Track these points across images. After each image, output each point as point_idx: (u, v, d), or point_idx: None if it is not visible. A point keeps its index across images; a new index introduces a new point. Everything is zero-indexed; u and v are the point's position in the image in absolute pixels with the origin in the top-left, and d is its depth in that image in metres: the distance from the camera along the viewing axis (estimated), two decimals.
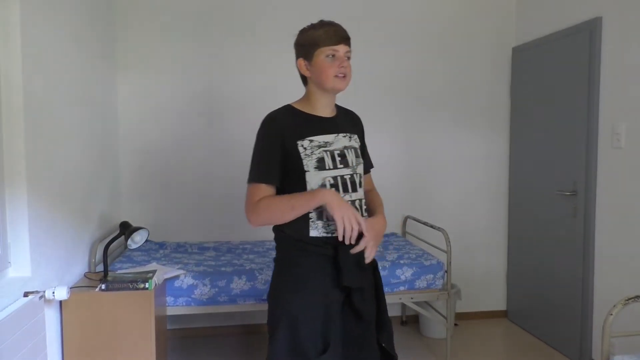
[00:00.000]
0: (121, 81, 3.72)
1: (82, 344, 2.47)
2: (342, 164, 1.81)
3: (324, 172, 1.77)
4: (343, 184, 1.80)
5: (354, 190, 1.83)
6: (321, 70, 1.78)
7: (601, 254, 3.17)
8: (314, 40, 1.79)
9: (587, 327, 3.27)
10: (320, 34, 1.78)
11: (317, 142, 1.79)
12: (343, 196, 1.79)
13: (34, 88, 2.22)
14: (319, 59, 1.79)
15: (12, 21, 2.08)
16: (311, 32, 1.81)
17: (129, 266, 3.04)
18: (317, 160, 1.77)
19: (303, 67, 1.85)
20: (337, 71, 1.78)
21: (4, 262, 2.09)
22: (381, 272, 3.13)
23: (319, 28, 1.80)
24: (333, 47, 1.78)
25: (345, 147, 1.85)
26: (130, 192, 3.76)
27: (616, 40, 3.02)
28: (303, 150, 1.77)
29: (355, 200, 1.83)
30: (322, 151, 1.78)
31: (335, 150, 1.81)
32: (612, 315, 2.12)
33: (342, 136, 1.86)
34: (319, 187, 1.76)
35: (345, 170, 1.82)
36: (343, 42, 1.80)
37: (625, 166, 2.97)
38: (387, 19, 3.99)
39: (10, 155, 2.10)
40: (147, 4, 3.73)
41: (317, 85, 1.84)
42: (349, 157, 1.84)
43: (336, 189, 1.78)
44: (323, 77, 1.79)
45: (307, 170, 1.76)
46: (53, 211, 2.42)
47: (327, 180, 1.77)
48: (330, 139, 1.82)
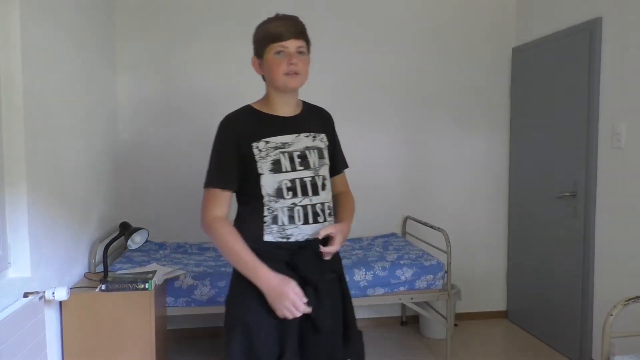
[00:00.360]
0: (121, 81, 3.72)
1: (82, 345, 2.46)
2: (302, 165, 1.73)
3: (280, 174, 1.70)
4: (302, 186, 1.73)
5: (314, 194, 1.75)
6: (271, 68, 1.70)
7: (601, 254, 3.17)
8: (265, 36, 1.70)
9: (587, 327, 3.27)
10: (271, 28, 1.68)
11: (274, 144, 1.72)
12: (302, 199, 1.72)
13: (34, 88, 2.22)
14: (269, 57, 1.70)
15: (12, 21, 2.07)
16: (263, 27, 1.72)
17: (129, 267, 3.04)
18: (273, 162, 1.70)
19: (256, 65, 1.77)
20: (287, 69, 1.68)
21: (4, 262, 2.09)
22: (381, 272, 3.14)
23: (270, 22, 1.71)
24: (282, 43, 1.68)
25: (307, 147, 1.76)
26: (130, 192, 3.75)
27: (616, 40, 3.02)
28: (258, 153, 1.70)
29: (316, 204, 1.74)
30: (279, 153, 1.71)
31: (295, 151, 1.73)
32: (612, 315, 2.12)
33: (304, 136, 1.77)
34: (275, 190, 1.70)
35: (306, 172, 1.74)
36: (293, 37, 1.69)
37: (626, 166, 2.97)
38: (387, 19, 3.99)
39: (10, 156, 2.10)
40: (147, 4, 3.73)
41: (270, 84, 1.76)
42: (310, 158, 1.75)
43: (294, 193, 1.71)
44: (273, 76, 1.71)
45: (261, 173, 1.70)
46: (53, 211, 2.42)
47: (284, 183, 1.70)
48: (290, 140, 1.74)
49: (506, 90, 4.15)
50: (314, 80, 3.96)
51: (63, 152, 2.57)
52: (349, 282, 3.08)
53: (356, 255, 3.47)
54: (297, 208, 1.71)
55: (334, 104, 3.98)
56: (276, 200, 1.70)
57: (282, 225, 1.71)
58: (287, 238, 1.71)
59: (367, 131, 4.01)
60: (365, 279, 3.13)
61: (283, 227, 1.71)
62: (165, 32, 3.74)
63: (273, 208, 1.71)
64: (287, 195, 1.71)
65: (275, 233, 1.71)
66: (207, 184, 1.74)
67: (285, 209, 1.70)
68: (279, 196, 1.70)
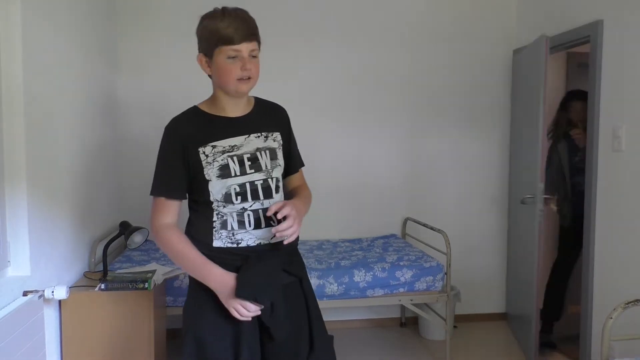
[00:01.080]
0: (121, 81, 3.72)
1: (81, 344, 2.46)
2: (252, 168, 1.66)
3: (229, 179, 1.63)
4: (252, 191, 1.65)
5: (267, 197, 1.67)
6: (222, 73, 1.59)
7: (601, 257, 3.16)
8: (214, 36, 1.56)
9: (586, 330, 3.27)
10: (220, 29, 1.55)
11: (221, 147, 1.64)
12: (252, 204, 1.66)
13: (35, 88, 2.22)
14: (220, 60, 1.58)
15: (13, 22, 2.08)
16: (211, 25, 1.57)
17: (128, 266, 3.04)
18: (220, 167, 1.63)
19: (204, 63, 1.63)
20: (240, 74, 1.59)
21: (3, 261, 2.09)
22: (381, 273, 3.14)
23: (219, 20, 1.56)
24: (234, 47, 1.56)
25: (258, 149, 1.68)
26: (130, 191, 3.75)
27: (617, 43, 3.02)
28: (204, 158, 1.62)
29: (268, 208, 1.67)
30: (227, 157, 1.63)
31: (245, 153, 1.66)
32: (611, 319, 2.12)
33: (254, 137, 1.68)
34: (223, 196, 1.64)
35: (257, 175, 1.66)
36: (247, 40, 1.57)
37: (626, 170, 2.96)
38: (388, 20, 3.99)
39: (10, 155, 2.10)
40: (148, 4, 3.73)
41: (219, 87, 1.66)
42: (261, 160, 1.67)
43: (244, 197, 1.64)
44: (224, 81, 1.61)
45: (208, 179, 1.63)
46: (53, 210, 2.42)
47: (233, 188, 1.63)
48: (239, 142, 1.66)
49: (507, 92, 4.15)
50: (315, 80, 3.99)
51: (63, 151, 2.58)
52: (348, 282, 3.10)
53: (356, 256, 3.47)
54: (247, 213, 1.66)
55: (334, 104, 4.00)
56: (225, 205, 1.65)
57: (231, 230, 1.65)
58: (237, 243, 1.65)
59: (368, 132, 4.01)
60: (365, 280, 3.13)
61: (232, 232, 1.65)
62: (166, 32, 3.74)
63: (222, 213, 1.66)
64: (236, 200, 1.65)
65: (225, 238, 1.66)
66: (153, 192, 1.69)
67: (235, 214, 1.66)
68: (227, 201, 1.65)
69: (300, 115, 4.13)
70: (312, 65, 3.93)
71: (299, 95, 3.87)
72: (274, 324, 1.65)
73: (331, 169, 3.97)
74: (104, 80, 3.37)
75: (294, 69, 3.91)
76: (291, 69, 3.89)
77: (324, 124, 3.95)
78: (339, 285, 3.10)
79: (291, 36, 3.86)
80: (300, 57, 3.91)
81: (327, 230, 4.00)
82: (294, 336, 1.71)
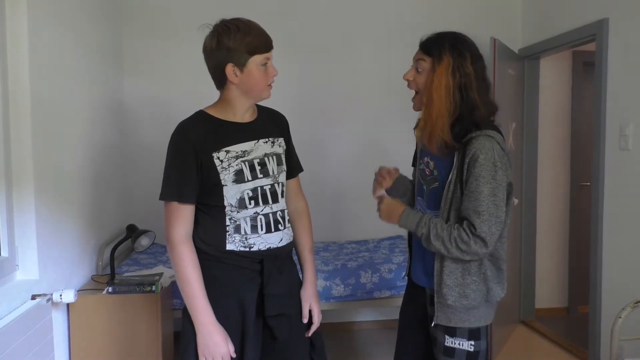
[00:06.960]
0: (128, 84, 3.73)
1: (89, 347, 2.47)
2: (262, 173, 1.70)
3: (242, 184, 1.67)
4: (262, 195, 1.70)
5: (274, 201, 1.73)
6: (256, 81, 1.65)
7: (609, 256, 3.15)
8: (248, 46, 1.63)
9: (595, 329, 3.25)
10: (253, 40, 1.64)
11: (235, 153, 1.67)
12: (263, 208, 1.70)
13: (41, 91, 2.23)
14: (253, 68, 1.64)
15: (19, 25, 2.09)
16: (242, 37, 1.63)
17: (135, 269, 3.05)
18: (235, 172, 1.66)
19: (232, 73, 1.64)
20: (270, 81, 1.69)
21: (12, 265, 2.10)
22: (387, 274, 3.14)
23: (249, 33, 1.64)
24: (267, 55, 1.66)
25: (266, 154, 1.73)
26: (137, 195, 3.76)
27: (623, 41, 3.01)
28: (219, 163, 1.65)
29: (276, 211, 1.73)
30: (240, 162, 1.67)
31: (255, 158, 1.70)
32: (620, 318, 2.11)
33: (262, 142, 1.73)
34: (238, 201, 1.67)
35: (266, 180, 1.71)
36: (271, 48, 1.69)
37: (634, 169, 2.94)
38: (391, 21, 3.99)
39: (17, 159, 2.11)
40: (153, 7, 3.74)
41: (243, 93, 1.68)
42: (269, 165, 1.72)
43: (255, 202, 1.69)
44: (258, 87, 1.67)
45: (224, 184, 1.65)
46: (60, 214, 2.43)
47: (246, 193, 1.67)
48: (249, 147, 1.69)
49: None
50: (319, 83, 3.99)
51: (70, 154, 2.59)
52: (355, 284, 3.11)
53: (362, 257, 3.47)
54: (259, 217, 1.69)
55: (339, 107, 4.00)
56: (238, 210, 1.67)
57: (244, 234, 1.68)
58: (249, 247, 1.68)
59: (373, 133, 4.00)
60: (372, 281, 3.12)
61: (246, 237, 1.68)
62: (172, 34, 3.75)
63: (235, 218, 1.68)
64: (250, 204, 1.68)
65: (238, 242, 1.68)
66: (165, 196, 1.67)
67: (248, 219, 1.68)
68: (241, 206, 1.68)
69: (307, 116, 4.15)
70: (318, 68, 3.93)
71: (305, 98, 3.87)
72: (277, 324, 1.71)
73: (337, 171, 3.97)
74: (110, 83, 3.38)
75: (298, 74, 3.91)
76: (295, 75, 3.90)
77: (329, 125, 3.95)
78: (346, 287, 3.10)
79: (291, 40, 3.86)
80: (304, 62, 3.90)
81: (333, 231, 3.99)
82: (295, 335, 1.76)
